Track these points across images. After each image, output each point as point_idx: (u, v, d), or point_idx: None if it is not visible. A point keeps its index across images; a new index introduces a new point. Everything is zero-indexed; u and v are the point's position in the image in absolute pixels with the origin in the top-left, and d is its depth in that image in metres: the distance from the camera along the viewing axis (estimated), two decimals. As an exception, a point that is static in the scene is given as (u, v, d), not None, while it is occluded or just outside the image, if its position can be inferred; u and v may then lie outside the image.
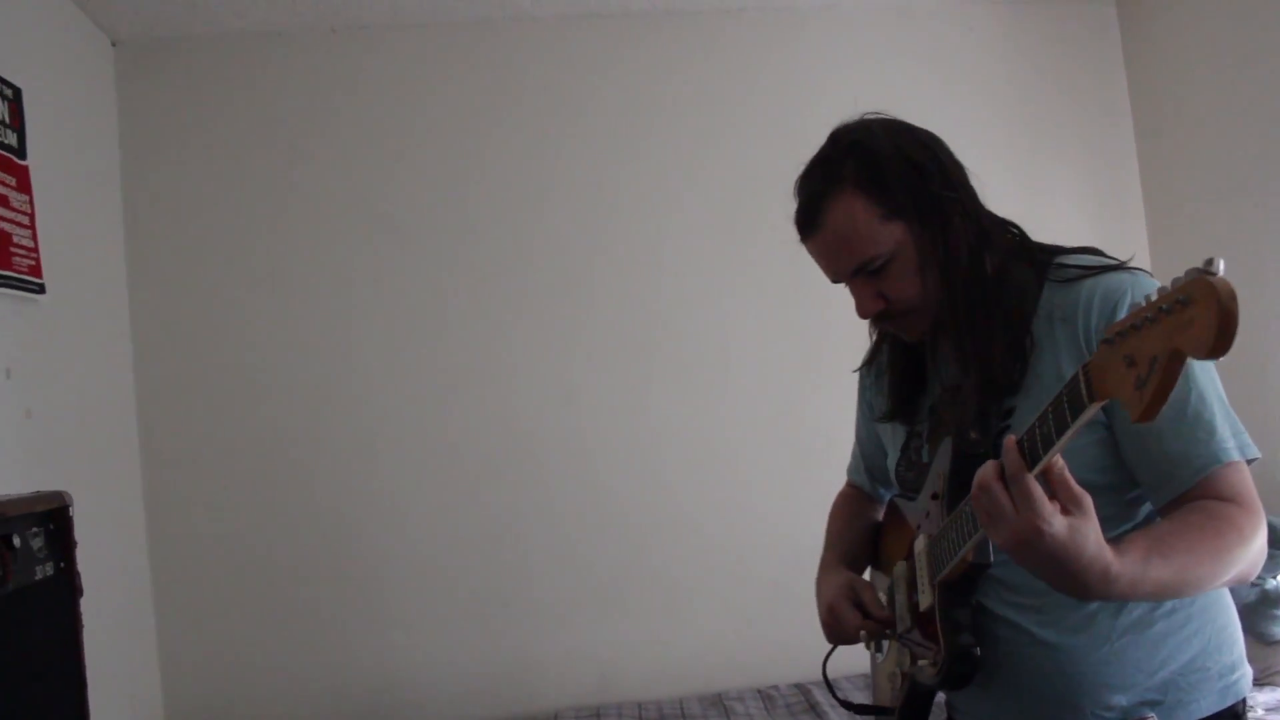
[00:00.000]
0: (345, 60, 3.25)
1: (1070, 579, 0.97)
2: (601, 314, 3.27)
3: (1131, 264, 1.23)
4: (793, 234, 1.32)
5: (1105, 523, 1.14)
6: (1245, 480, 1.13)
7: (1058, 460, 0.94)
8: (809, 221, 1.28)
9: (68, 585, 1.73)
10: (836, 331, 1.55)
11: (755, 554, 3.20)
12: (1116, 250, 1.27)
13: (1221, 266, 0.72)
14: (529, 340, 3.24)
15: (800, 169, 1.31)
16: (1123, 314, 1.08)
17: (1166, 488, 1.14)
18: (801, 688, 3.05)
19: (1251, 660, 2.82)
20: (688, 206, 3.31)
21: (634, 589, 3.23)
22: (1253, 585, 2.68)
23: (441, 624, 3.16)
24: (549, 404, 3.23)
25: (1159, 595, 1.09)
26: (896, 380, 1.43)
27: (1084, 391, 0.87)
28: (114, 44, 3.15)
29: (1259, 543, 1.09)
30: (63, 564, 1.72)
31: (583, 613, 3.20)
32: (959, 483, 1.24)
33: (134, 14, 3.00)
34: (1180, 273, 0.75)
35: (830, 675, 1.57)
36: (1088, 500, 0.95)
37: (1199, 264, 0.73)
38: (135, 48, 3.16)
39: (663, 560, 3.23)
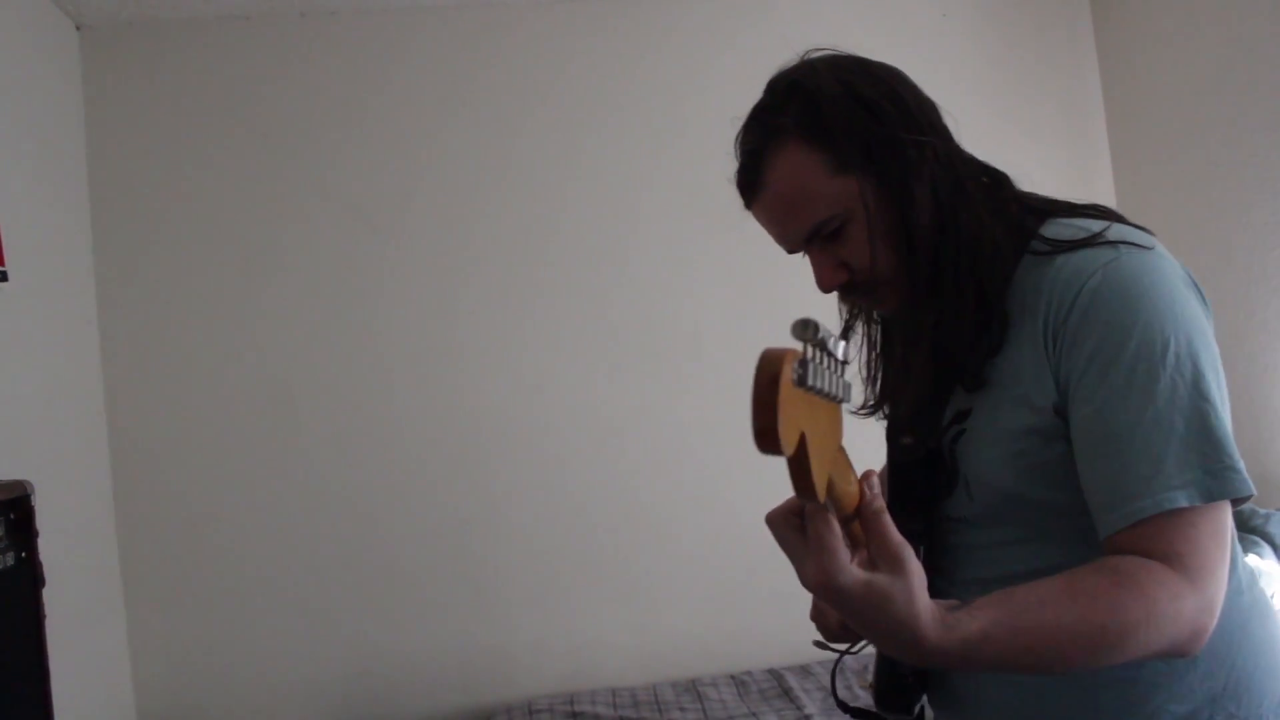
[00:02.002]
0: (313, 45, 3.22)
1: (875, 640, 0.81)
2: (572, 303, 3.26)
3: (1124, 237, 0.98)
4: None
5: (1065, 546, 0.97)
6: (1193, 533, 0.88)
7: (874, 503, 0.79)
8: (749, 183, 1.08)
9: (29, 576, 1.71)
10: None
11: (728, 541, 3.20)
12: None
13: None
14: (501, 329, 3.22)
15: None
16: (1079, 309, 0.94)
17: (1100, 524, 0.93)
18: (775, 673, 3.06)
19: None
20: (655, 193, 3.30)
21: (607, 577, 3.23)
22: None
23: (415, 612, 3.14)
24: (520, 393, 3.22)
25: (1007, 670, 0.90)
26: (881, 366, 1.22)
27: None
28: (79, 28, 3.10)
29: (1184, 614, 0.85)
30: (24, 554, 1.69)
31: (556, 600, 3.20)
32: (893, 495, 1.12)
33: (98, -3, 2.96)
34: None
35: (806, 661, 1.48)
36: (904, 557, 0.77)
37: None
38: (100, 32, 3.12)
39: (636, 547, 3.24)
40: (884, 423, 1.23)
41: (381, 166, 3.21)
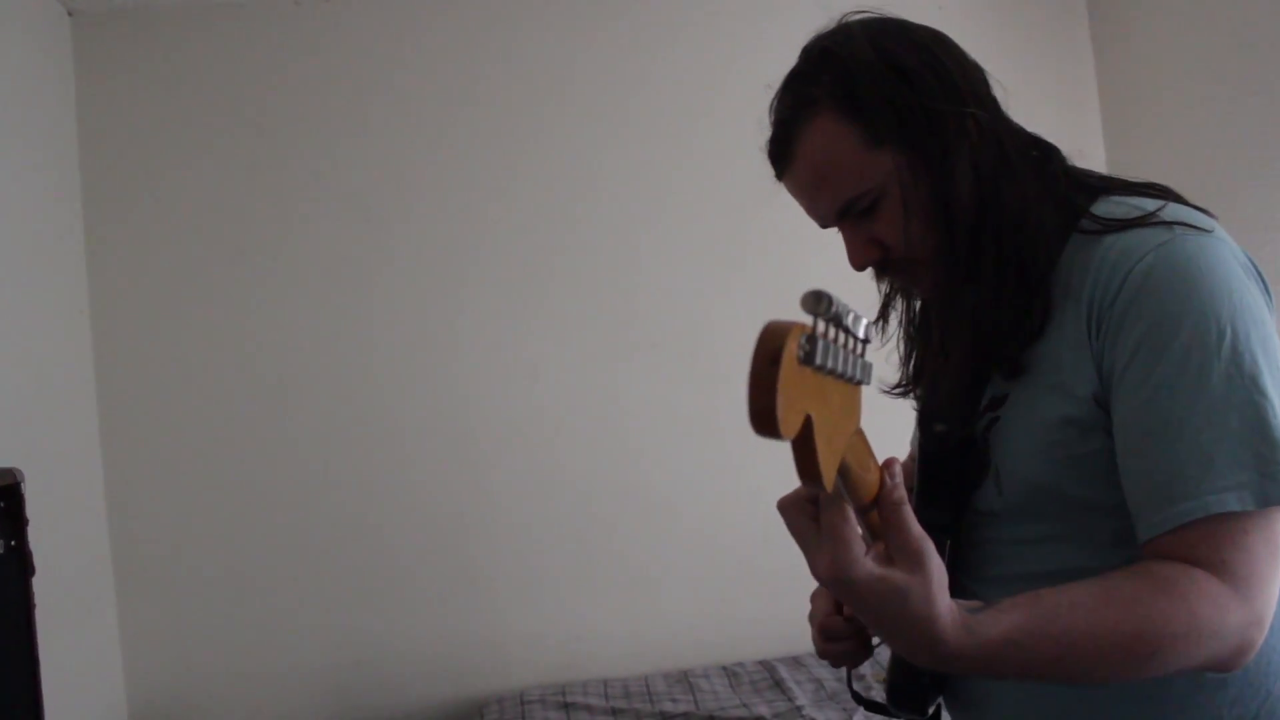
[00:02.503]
0: (309, 32, 3.20)
1: (890, 639, 0.76)
2: (567, 294, 3.25)
3: (1180, 217, 0.93)
4: (769, 203, 1.16)
5: (1100, 547, 0.92)
6: (1244, 540, 0.81)
7: (894, 493, 0.73)
8: (780, 154, 1.03)
9: (19, 564, 1.71)
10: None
11: (720, 532, 3.20)
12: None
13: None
14: (494, 321, 3.21)
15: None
16: (1127, 293, 0.88)
17: (1141, 526, 0.86)
18: (766, 664, 3.06)
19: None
20: (657, 181, 3.29)
21: (600, 568, 3.23)
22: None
23: (407, 603, 3.14)
24: (515, 382, 3.21)
25: (1031, 678, 0.86)
26: (915, 346, 1.16)
27: None
28: (70, 14, 3.07)
29: (1229, 627, 0.79)
30: (14, 542, 1.69)
31: (548, 592, 3.20)
32: (921, 484, 1.07)
33: (90, -17, 2.94)
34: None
35: (797, 652, 1.38)
36: (924, 553, 0.71)
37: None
38: (93, 18, 3.09)
39: (628, 539, 3.23)
40: (913, 404, 1.18)
41: (378, 156, 3.20)
